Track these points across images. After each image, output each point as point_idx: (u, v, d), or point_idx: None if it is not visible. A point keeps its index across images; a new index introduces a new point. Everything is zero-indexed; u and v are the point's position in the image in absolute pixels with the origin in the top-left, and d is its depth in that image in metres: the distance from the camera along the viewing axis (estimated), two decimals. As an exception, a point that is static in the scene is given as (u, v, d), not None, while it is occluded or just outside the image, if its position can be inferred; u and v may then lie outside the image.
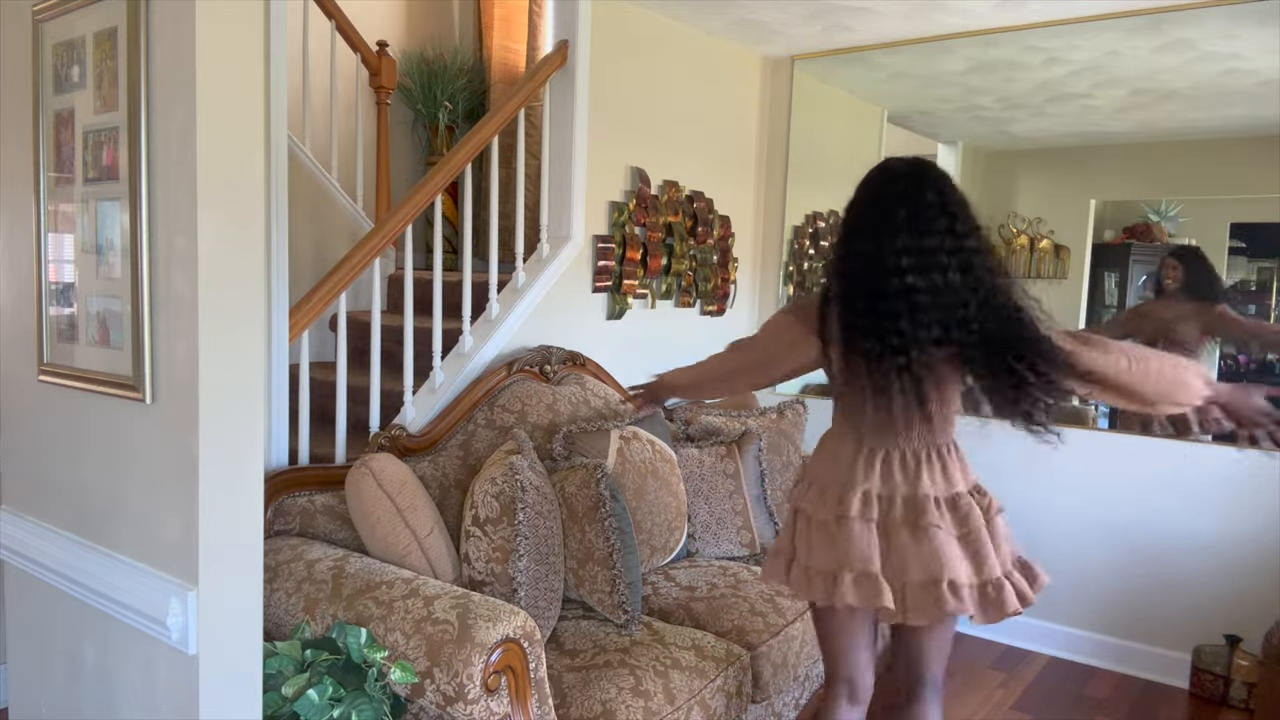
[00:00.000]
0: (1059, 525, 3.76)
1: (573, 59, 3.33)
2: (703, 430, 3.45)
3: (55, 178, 1.88)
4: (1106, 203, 4.09)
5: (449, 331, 3.09)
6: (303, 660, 1.95)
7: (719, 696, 2.41)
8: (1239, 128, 3.73)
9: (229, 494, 1.65)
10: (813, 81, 4.28)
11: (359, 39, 3.83)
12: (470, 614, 1.95)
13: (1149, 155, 3.99)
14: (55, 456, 1.95)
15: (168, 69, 1.59)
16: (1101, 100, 3.85)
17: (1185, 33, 3.37)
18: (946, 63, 3.93)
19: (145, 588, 1.68)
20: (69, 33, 1.79)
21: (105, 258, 1.76)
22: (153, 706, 1.74)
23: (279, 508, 2.47)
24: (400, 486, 2.38)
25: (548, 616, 2.40)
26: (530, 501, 2.40)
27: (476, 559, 2.36)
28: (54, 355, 1.92)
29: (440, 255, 3.03)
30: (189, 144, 1.56)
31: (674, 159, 3.85)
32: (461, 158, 2.98)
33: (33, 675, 2.11)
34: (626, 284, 3.64)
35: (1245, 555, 3.40)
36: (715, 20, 3.76)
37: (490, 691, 1.90)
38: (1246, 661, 3.33)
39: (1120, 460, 3.62)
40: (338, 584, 2.15)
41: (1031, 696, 3.43)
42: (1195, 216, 3.86)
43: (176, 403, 1.63)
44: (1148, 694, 3.48)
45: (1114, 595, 3.66)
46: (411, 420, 2.85)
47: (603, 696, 2.20)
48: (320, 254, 3.67)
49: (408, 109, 4.34)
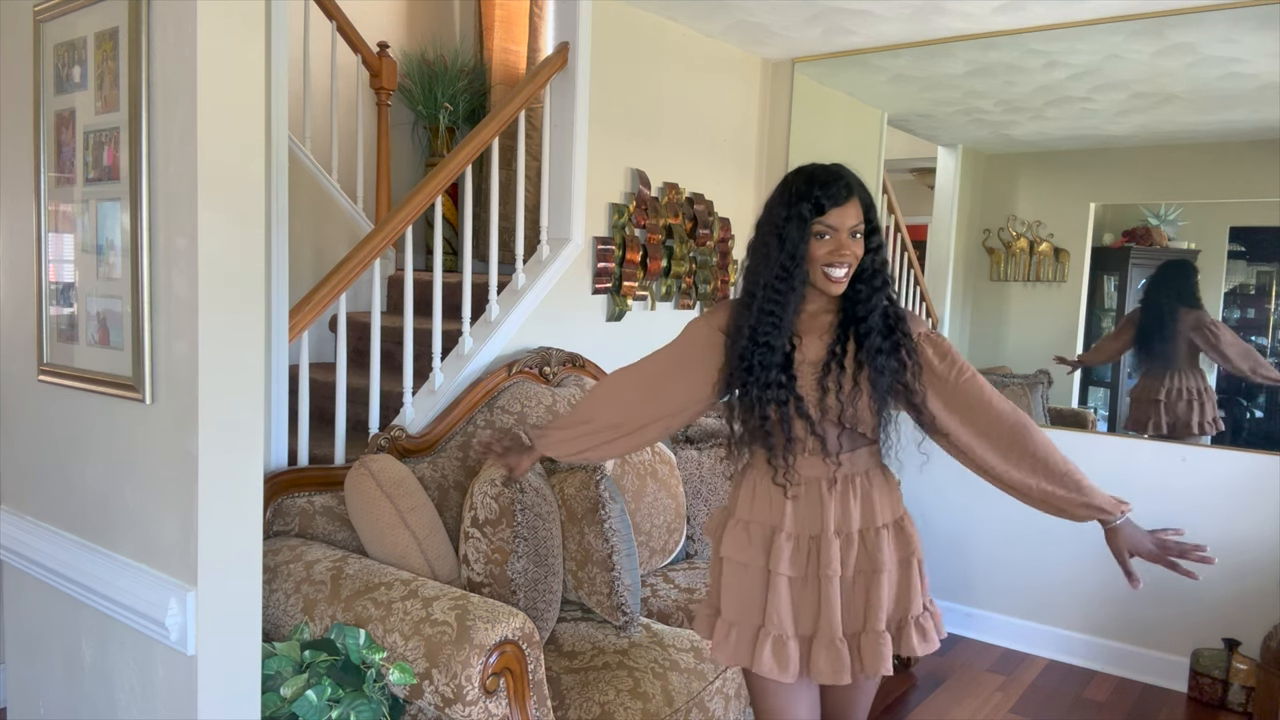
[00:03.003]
0: (1057, 527, 3.74)
1: (573, 61, 3.33)
2: (702, 432, 3.45)
3: (55, 178, 1.88)
4: (1106, 206, 4.10)
5: (449, 333, 3.09)
6: (301, 661, 1.95)
7: (717, 699, 2.41)
8: (1239, 131, 3.73)
9: (228, 494, 1.65)
10: (813, 84, 4.28)
11: (360, 40, 3.84)
12: (469, 615, 1.95)
13: (1149, 159, 3.99)
14: (55, 456, 1.95)
15: (169, 69, 1.59)
16: (1102, 104, 3.86)
17: (1185, 36, 3.37)
18: (947, 66, 3.93)
19: (144, 588, 1.68)
20: (70, 33, 1.79)
21: (105, 258, 1.76)
22: (151, 707, 1.74)
23: (278, 508, 2.47)
24: (399, 487, 2.38)
25: (546, 618, 2.40)
26: (529, 503, 2.40)
27: (475, 560, 2.36)
28: (54, 355, 1.92)
29: (440, 256, 3.03)
30: (190, 144, 1.56)
31: (674, 161, 3.86)
32: (462, 159, 2.98)
33: (31, 675, 2.11)
34: (626, 286, 3.64)
35: (1244, 558, 3.40)
36: (716, 22, 3.76)
37: (489, 693, 1.90)
38: (1245, 665, 3.33)
39: (1119, 463, 3.63)
40: (336, 585, 2.15)
41: (1030, 699, 3.43)
42: (1195, 220, 3.87)
43: (176, 403, 1.63)
44: (1146, 697, 3.48)
45: (1112, 598, 3.66)
46: (411, 421, 2.85)
47: (601, 698, 2.20)
48: (320, 254, 3.68)
49: (408, 110, 4.34)
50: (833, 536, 1.79)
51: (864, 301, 1.80)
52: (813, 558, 1.81)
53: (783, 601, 1.80)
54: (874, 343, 1.78)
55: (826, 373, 1.79)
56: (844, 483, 1.82)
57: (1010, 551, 3.87)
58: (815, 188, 1.76)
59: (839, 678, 1.76)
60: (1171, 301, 3.84)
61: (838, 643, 1.77)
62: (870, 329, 1.79)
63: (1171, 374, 3.77)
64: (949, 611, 4.02)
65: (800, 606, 1.81)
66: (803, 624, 1.81)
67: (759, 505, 1.87)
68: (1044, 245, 4.17)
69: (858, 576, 1.81)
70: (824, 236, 1.76)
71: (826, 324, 1.84)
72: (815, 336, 1.84)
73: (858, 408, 1.79)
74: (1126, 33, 3.44)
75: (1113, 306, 4.12)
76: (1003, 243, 4.28)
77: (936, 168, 4.41)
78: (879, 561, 1.80)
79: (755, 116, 4.33)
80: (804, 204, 1.76)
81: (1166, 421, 3.75)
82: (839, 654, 1.77)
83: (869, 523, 1.82)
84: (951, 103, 4.21)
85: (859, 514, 1.82)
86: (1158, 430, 3.76)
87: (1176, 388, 3.75)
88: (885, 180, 4.39)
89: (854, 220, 1.77)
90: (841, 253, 1.76)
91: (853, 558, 1.81)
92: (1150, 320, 3.91)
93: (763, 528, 1.85)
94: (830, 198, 1.75)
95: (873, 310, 1.80)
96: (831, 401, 1.78)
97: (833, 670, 1.77)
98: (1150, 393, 3.82)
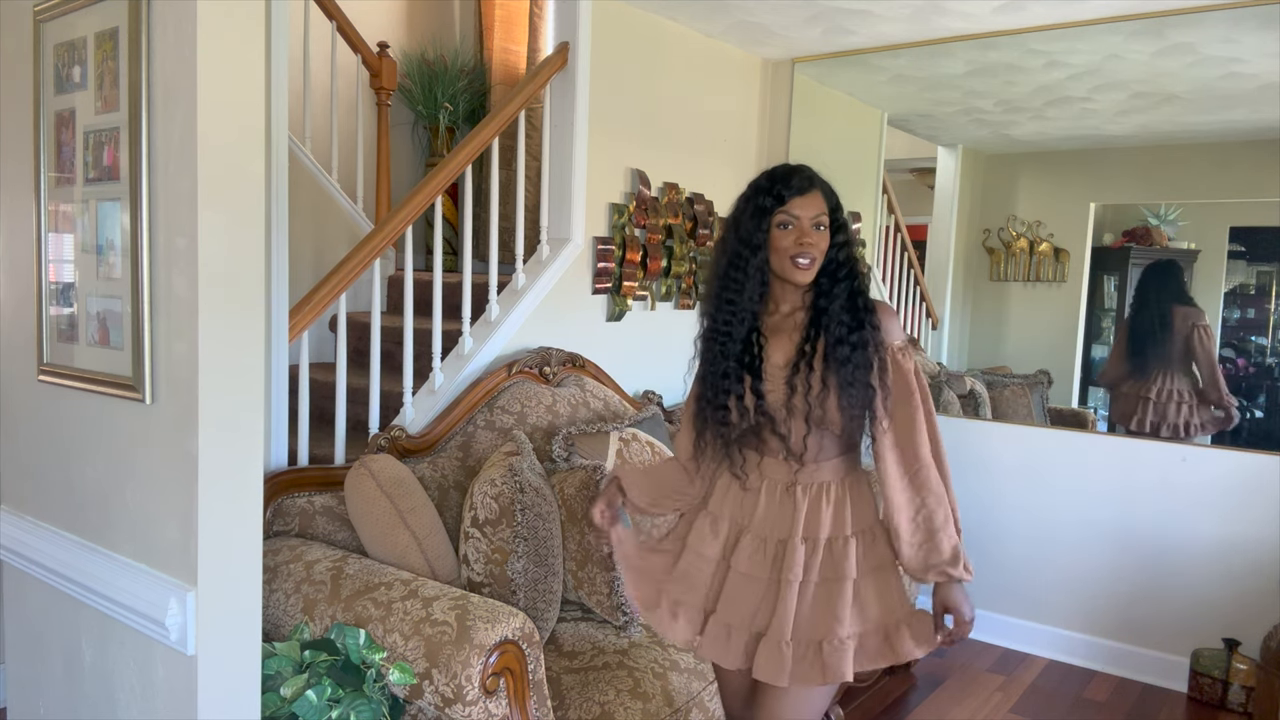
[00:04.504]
0: (1058, 528, 3.76)
1: (573, 61, 3.33)
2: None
3: (55, 178, 1.88)
4: (1106, 206, 4.10)
5: (449, 333, 3.09)
6: (301, 661, 1.95)
7: (717, 699, 2.41)
8: (1239, 131, 3.73)
9: (228, 494, 1.65)
10: (813, 84, 4.28)
11: (360, 40, 3.84)
12: (469, 615, 1.95)
13: (1149, 159, 4.00)
14: (55, 456, 1.95)
15: (169, 69, 1.59)
16: (1101, 104, 3.86)
17: (1186, 36, 3.37)
18: (947, 66, 3.93)
19: (144, 588, 1.68)
20: (70, 33, 1.79)
21: (105, 258, 1.76)
22: (151, 707, 1.74)
23: (278, 508, 2.47)
24: (399, 487, 2.38)
25: (546, 618, 2.40)
26: (529, 503, 2.40)
27: (475, 560, 2.36)
28: (54, 355, 1.92)
29: (440, 256, 3.03)
30: (189, 144, 1.56)
31: (674, 161, 3.86)
32: (462, 159, 2.98)
33: (31, 676, 2.10)
34: (626, 286, 3.64)
35: (1244, 558, 3.40)
36: (716, 22, 3.76)
37: (489, 693, 1.90)
38: (1245, 665, 3.33)
39: (1119, 463, 3.63)
40: (336, 585, 2.15)
41: (1030, 699, 3.43)
42: (1195, 220, 3.87)
43: (176, 403, 1.63)
44: (1146, 697, 3.48)
45: (1113, 598, 3.66)
46: (411, 421, 2.85)
47: (601, 698, 2.20)
48: (320, 254, 3.68)
49: (408, 110, 4.34)
50: (799, 543, 1.79)
51: (826, 293, 1.82)
52: (776, 561, 1.81)
53: (735, 596, 1.83)
54: (836, 332, 1.78)
55: (795, 372, 1.79)
56: (818, 489, 1.82)
57: (1010, 551, 3.87)
58: (776, 182, 1.82)
59: (777, 679, 1.76)
60: (1165, 301, 3.84)
61: (783, 645, 1.77)
62: (831, 319, 1.80)
63: (1165, 374, 3.77)
64: (949, 611, 4.02)
65: (758, 605, 1.83)
66: (758, 621, 1.82)
67: (730, 501, 1.88)
68: (1044, 245, 4.17)
69: (821, 584, 1.80)
70: (787, 227, 1.79)
71: (796, 323, 1.85)
72: (785, 337, 1.85)
73: (826, 408, 1.78)
74: (1126, 33, 3.44)
75: (1113, 306, 4.12)
76: (1003, 243, 4.28)
77: (936, 168, 4.41)
78: (844, 569, 1.79)
79: (755, 116, 4.33)
80: (764, 197, 1.81)
81: (1151, 420, 3.75)
82: (782, 656, 1.76)
83: (839, 530, 1.81)
84: (951, 103, 4.21)
85: (830, 521, 1.81)
86: (1140, 428, 3.76)
87: (1168, 388, 3.75)
88: (885, 180, 4.39)
89: (816, 211, 1.80)
90: (804, 240, 1.78)
91: (817, 564, 1.80)
92: (1143, 320, 3.92)
93: (732, 524, 1.87)
94: (790, 189, 1.80)
95: (835, 299, 1.81)
96: (799, 402, 1.78)
97: (772, 670, 1.77)
98: (1141, 389, 3.82)
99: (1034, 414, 4.06)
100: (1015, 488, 3.86)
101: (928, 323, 4.43)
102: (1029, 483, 3.82)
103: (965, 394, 4.09)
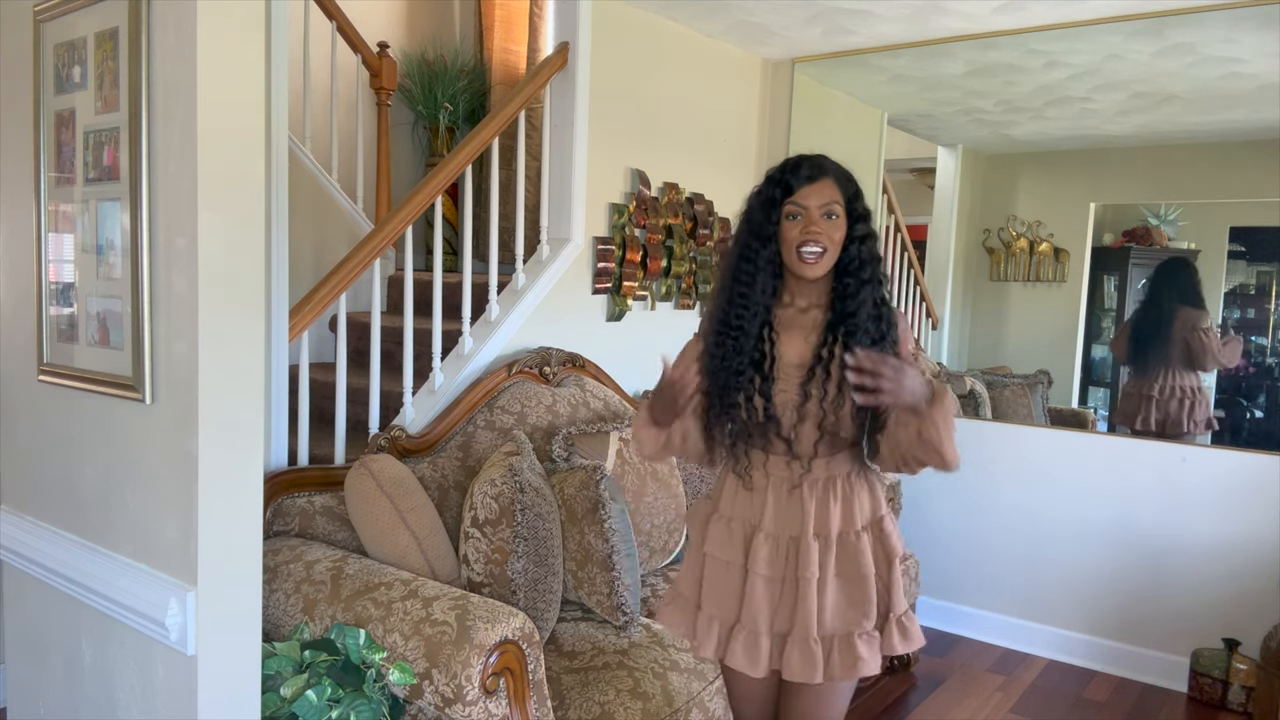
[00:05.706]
0: (1058, 527, 3.76)
1: (573, 61, 3.33)
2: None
3: (55, 178, 1.88)
4: (1106, 206, 4.10)
5: (449, 333, 3.09)
6: (301, 661, 1.95)
7: (717, 699, 2.41)
8: (1239, 131, 3.73)
9: (228, 494, 1.65)
10: (813, 84, 4.28)
11: (360, 40, 3.84)
12: (469, 615, 1.95)
13: (1149, 159, 4.00)
14: (55, 456, 1.95)
15: (169, 69, 1.59)
16: (1101, 104, 3.86)
17: (1186, 36, 3.37)
18: (947, 66, 3.93)
19: (144, 588, 1.68)
20: (70, 33, 1.79)
21: (105, 258, 1.76)
22: (151, 707, 1.74)
23: (278, 508, 2.47)
24: (399, 487, 2.38)
25: (546, 618, 2.40)
26: (529, 503, 2.40)
27: (475, 560, 2.36)
28: (54, 355, 1.92)
29: (440, 256, 3.03)
30: (189, 144, 1.56)
31: (674, 161, 3.86)
32: (462, 159, 2.98)
33: (31, 676, 2.11)
34: (626, 286, 3.64)
35: (1244, 558, 3.40)
36: (716, 23, 3.76)
37: (489, 693, 1.90)
38: (1245, 665, 3.33)
39: (1119, 463, 3.63)
40: (336, 585, 2.15)
41: (1030, 699, 3.43)
42: (1195, 220, 3.87)
43: (176, 403, 1.63)
44: (1146, 697, 3.48)
45: (1112, 598, 3.66)
46: (411, 421, 2.85)
47: (601, 698, 2.20)
48: (320, 254, 3.68)
49: (408, 110, 4.34)
50: (812, 539, 1.79)
51: (852, 296, 1.77)
52: (791, 559, 1.80)
53: (758, 600, 1.81)
54: (861, 341, 1.73)
55: (810, 377, 1.76)
56: (825, 485, 1.80)
57: (1010, 551, 3.87)
58: (786, 172, 1.79)
59: (810, 676, 1.76)
60: (1172, 301, 3.84)
61: (812, 642, 1.77)
62: (856, 328, 1.75)
63: (1168, 371, 3.77)
64: (949, 611, 4.03)
65: (777, 605, 1.81)
66: (779, 621, 1.81)
67: (740, 501, 1.87)
68: (1044, 245, 4.17)
69: (837, 579, 1.80)
70: (795, 217, 1.76)
71: (814, 321, 1.81)
72: (800, 335, 1.81)
73: (840, 416, 1.76)
74: (1126, 33, 3.45)
75: (1113, 306, 4.12)
76: (1003, 243, 4.28)
77: (936, 168, 4.41)
78: (863, 565, 1.79)
79: (755, 116, 4.33)
80: (774, 188, 1.79)
81: (1156, 418, 3.75)
82: (813, 653, 1.76)
83: (849, 525, 1.81)
84: (951, 103, 4.21)
85: (839, 516, 1.80)
86: (1146, 426, 3.76)
87: (1171, 385, 3.75)
88: (885, 180, 4.39)
89: (825, 199, 1.75)
90: (811, 229, 1.73)
91: (831, 559, 1.79)
92: (1148, 317, 3.92)
93: (744, 525, 1.86)
94: (799, 178, 1.77)
95: (861, 305, 1.76)
96: (813, 408, 1.76)
97: (805, 669, 1.76)
98: (1144, 388, 3.82)
99: (1034, 414, 4.06)
100: (1015, 488, 3.86)
101: (928, 323, 4.43)
102: (1029, 483, 3.82)
103: (965, 394, 4.09)
